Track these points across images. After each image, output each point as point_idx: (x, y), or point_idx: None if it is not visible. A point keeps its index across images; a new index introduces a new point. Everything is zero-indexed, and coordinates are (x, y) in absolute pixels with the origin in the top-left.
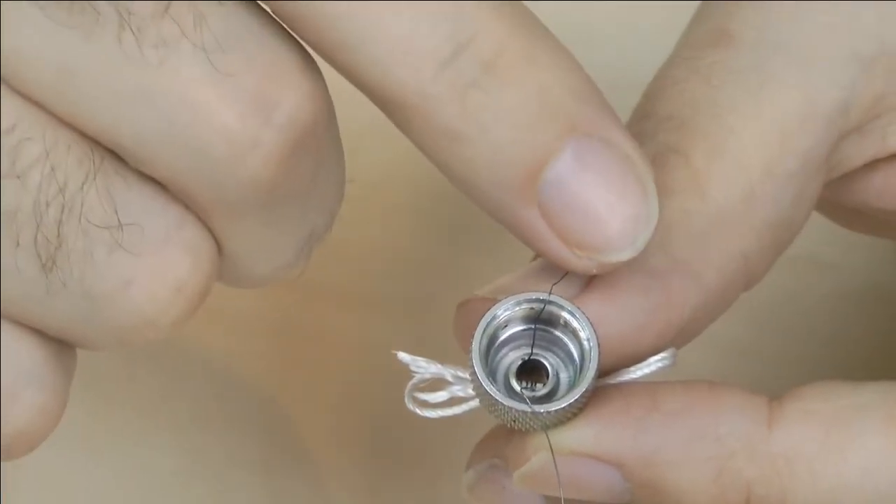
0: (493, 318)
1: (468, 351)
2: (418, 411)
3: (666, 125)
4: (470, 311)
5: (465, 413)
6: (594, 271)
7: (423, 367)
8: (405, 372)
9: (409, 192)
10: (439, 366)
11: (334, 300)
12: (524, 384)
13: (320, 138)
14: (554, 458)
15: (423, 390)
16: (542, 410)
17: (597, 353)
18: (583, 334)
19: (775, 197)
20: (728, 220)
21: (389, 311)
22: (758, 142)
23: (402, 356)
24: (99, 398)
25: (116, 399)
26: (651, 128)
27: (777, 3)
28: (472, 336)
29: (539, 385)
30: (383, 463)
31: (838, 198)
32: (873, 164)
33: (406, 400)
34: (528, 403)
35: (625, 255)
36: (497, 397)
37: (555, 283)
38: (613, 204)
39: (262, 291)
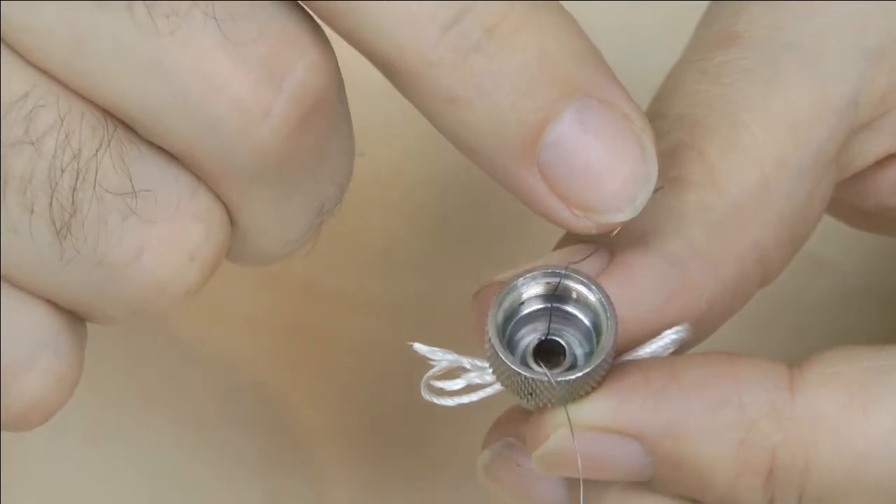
0: (510, 290)
1: (485, 331)
2: (435, 400)
3: (679, 124)
4: (485, 298)
5: (481, 400)
6: (594, 231)
7: (441, 356)
8: (406, 372)
9: (411, 192)
10: (455, 355)
11: (335, 300)
12: (542, 365)
13: (330, 108)
14: (573, 434)
15: (438, 380)
16: (560, 379)
17: (614, 323)
18: (599, 307)
19: (789, 191)
20: (744, 212)
21: (391, 312)
22: (770, 136)
23: (419, 347)
24: (99, 397)
25: (116, 398)
26: (664, 127)
27: (785, 1)
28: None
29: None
30: (383, 462)
31: (851, 198)
32: (885, 162)
33: (422, 389)
34: (547, 374)
35: (624, 216)
36: (515, 367)
37: (573, 263)
38: (612, 164)
39: (263, 290)
